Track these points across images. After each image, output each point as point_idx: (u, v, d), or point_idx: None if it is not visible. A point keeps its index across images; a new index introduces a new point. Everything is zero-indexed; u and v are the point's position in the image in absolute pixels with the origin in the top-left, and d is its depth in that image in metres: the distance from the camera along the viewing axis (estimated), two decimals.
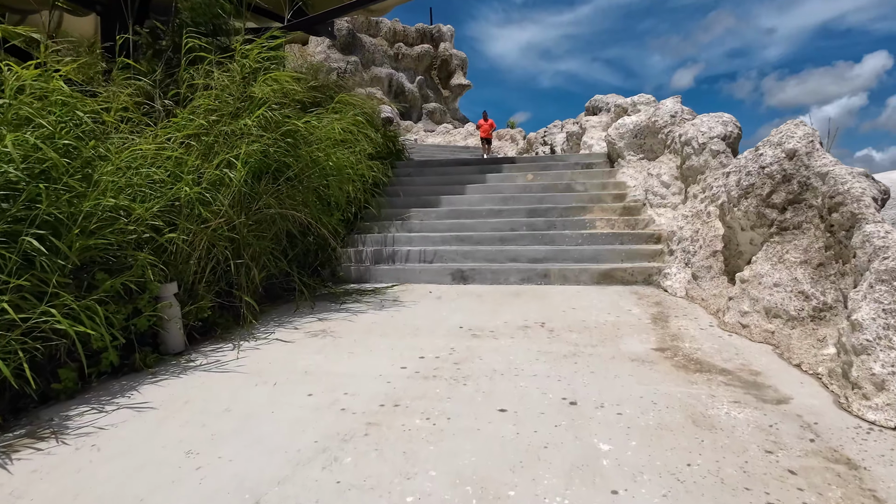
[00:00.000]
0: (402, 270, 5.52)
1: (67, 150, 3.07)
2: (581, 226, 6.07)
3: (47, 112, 3.01)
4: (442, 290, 5.19)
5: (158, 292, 3.45)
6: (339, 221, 5.61)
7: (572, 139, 9.83)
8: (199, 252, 3.81)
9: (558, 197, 6.75)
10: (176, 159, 3.60)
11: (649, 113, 6.76)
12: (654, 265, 5.11)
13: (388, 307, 4.60)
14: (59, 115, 3.06)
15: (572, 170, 7.55)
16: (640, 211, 6.19)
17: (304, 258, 5.29)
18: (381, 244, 6.19)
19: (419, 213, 6.76)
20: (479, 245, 5.96)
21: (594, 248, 5.55)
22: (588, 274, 5.14)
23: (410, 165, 8.42)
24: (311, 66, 8.46)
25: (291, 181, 4.49)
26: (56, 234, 2.84)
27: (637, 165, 6.91)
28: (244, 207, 4.17)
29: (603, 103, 9.07)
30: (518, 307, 4.43)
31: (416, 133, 24.13)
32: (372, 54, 26.00)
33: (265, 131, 4.05)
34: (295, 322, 4.23)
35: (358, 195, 5.71)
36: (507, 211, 6.57)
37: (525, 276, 5.26)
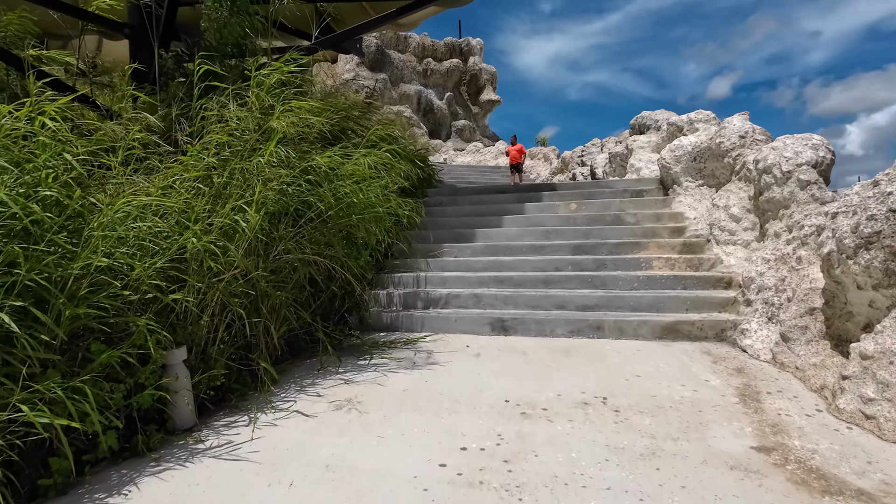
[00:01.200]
0: (436, 318, 4.97)
1: (56, 201, 2.66)
2: (636, 266, 5.41)
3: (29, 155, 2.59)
4: (480, 343, 4.61)
5: (164, 360, 2.99)
6: (367, 263, 5.11)
7: (615, 161, 9.16)
8: (210, 310, 3.35)
9: (607, 230, 6.10)
10: (182, 205, 3.16)
11: (711, 133, 6.07)
12: (728, 318, 4.41)
13: (420, 366, 4.04)
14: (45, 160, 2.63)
15: (620, 198, 6.89)
16: (703, 248, 5.48)
17: (330, 304, 4.80)
18: (412, 285, 5.65)
19: (453, 249, 6.21)
20: (520, 288, 5.36)
21: (653, 293, 4.88)
22: (648, 327, 4.47)
23: (442, 193, 7.91)
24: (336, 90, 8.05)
25: (313, 222, 4.01)
26: (41, 303, 2.41)
27: (696, 193, 6.21)
28: (261, 255, 3.71)
29: (651, 121, 8.38)
30: (571, 371, 3.81)
31: (445, 152, 23.74)
32: (401, 71, 25.83)
33: (284, 168, 3.59)
34: (318, 385, 3.71)
35: (388, 232, 5.21)
36: (549, 247, 5.95)
37: (575, 328, 4.62)
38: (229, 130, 3.64)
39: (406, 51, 26.95)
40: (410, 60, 26.69)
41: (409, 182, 6.45)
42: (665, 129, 7.73)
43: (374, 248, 5.34)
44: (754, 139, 5.37)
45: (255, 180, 3.42)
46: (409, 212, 5.18)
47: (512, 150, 15.63)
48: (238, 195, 3.37)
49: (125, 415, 2.71)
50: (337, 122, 6.38)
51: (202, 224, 3.16)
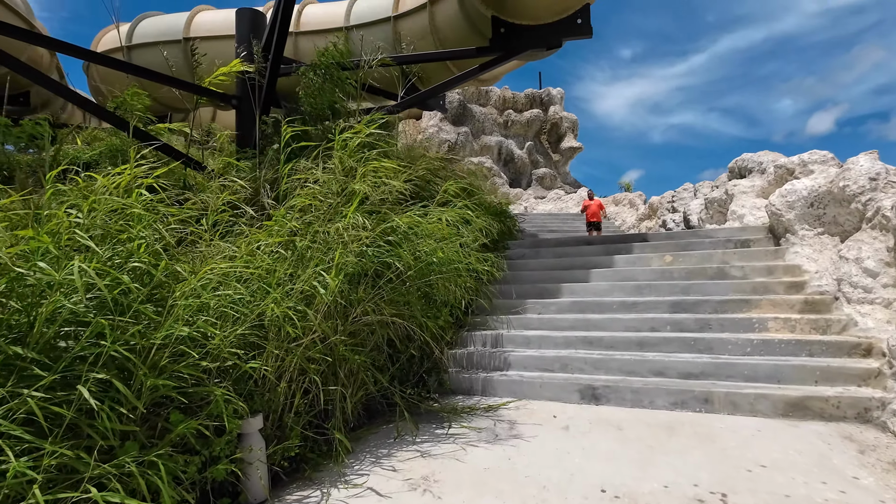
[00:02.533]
0: (519, 382, 4.63)
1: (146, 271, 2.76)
2: (747, 327, 4.76)
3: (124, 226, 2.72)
4: (568, 412, 4.19)
5: (240, 430, 2.95)
6: (446, 322, 4.93)
7: (713, 207, 8.44)
8: (288, 376, 3.31)
9: (709, 286, 5.49)
10: (264, 271, 3.19)
11: (830, 175, 5.38)
12: (872, 394, 3.67)
13: (503, 439, 3.70)
14: (138, 231, 2.76)
15: (723, 249, 6.25)
16: (830, 308, 4.73)
17: (408, 366, 4.64)
18: (493, 345, 5.38)
19: (536, 306, 5.88)
20: (611, 350, 4.89)
21: (771, 361, 4.23)
22: (769, 402, 3.83)
23: (524, 245, 7.66)
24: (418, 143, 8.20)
25: (392, 282, 3.93)
26: (123, 372, 2.45)
27: (815, 243, 5.46)
28: (340, 318, 3.65)
29: (754, 164, 7.67)
30: (677, 454, 3.30)
31: (525, 200, 23.58)
32: (482, 123, 26.41)
33: (363, 230, 3.57)
34: (394, 457, 3.49)
35: (468, 290, 5.02)
36: (642, 304, 5.45)
37: (677, 399, 4.08)
38: (313, 194, 3.71)
39: (487, 104, 27.63)
40: (491, 113, 27.28)
41: (488, 237, 6.29)
42: (772, 171, 7.02)
43: (453, 305, 5.17)
44: (889, 181, 4.65)
45: (335, 243, 3.41)
46: (489, 267, 4.98)
47: (591, 205, 13.58)
48: (319, 259, 3.36)
49: (199, 488, 2.65)
50: (418, 179, 6.44)
51: (282, 289, 3.17)
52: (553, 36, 8.29)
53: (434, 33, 9.74)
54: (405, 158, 6.33)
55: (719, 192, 8.31)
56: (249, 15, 8.88)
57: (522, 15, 8.06)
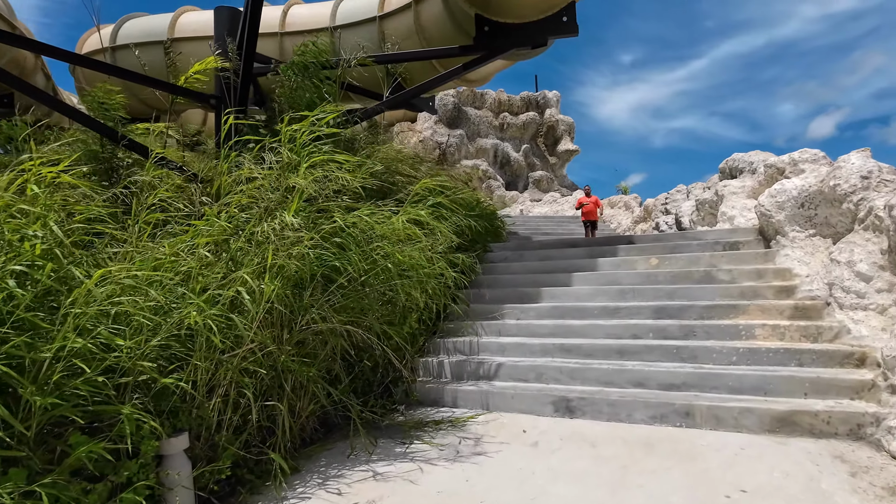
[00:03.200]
0: (490, 392, 4.33)
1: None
2: (733, 334, 4.47)
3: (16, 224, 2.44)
4: (540, 426, 3.90)
5: (161, 451, 2.67)
6: (413, 329, 4.65)
7: (704, 208, 8.16)
8: (222, 390, 3.02)
9: (695, 290, 5.21)
10: (186, 275, 2.91)
11: (821, 174, 5.11)
12: (866, 408, 3.38)
13: (464, 457, 3.41)
14: (33, 231, 2.47)
15: (711, 251, 5.96)
16: (821, 314, 4.45)
17: (372, 375, 4.35)
18: (466, 353, 5.09)
19: (515, 311, 5.59)
20: (589, 359, 4.60)
21: (758, 371, 3.94)
22: (754, 416, 3.54)
23: (507, 248, 7.37)
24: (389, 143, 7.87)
25: (345, 288, 3.64)
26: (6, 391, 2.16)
27: (806, 245, 5.18)
28: (284, 326, 3.37)
29: (745, 164, 7.39)
30: (654, 476, 3.01)
31: (521, 203, 23.29)
32: (477, 126, 26.14)
33: (300, 231, 3.28)
34: (343, 478, 3.20)
35: (438, 294, 4.74)
36: (625, 310, 5.16)
37: (657, 413, 3.79)
38: (250, 191, 3.43)
39: (483, 107, 27.39)
40: (487, 116, 27.04)
41: (464, 237, 6.01)
42: (762, 171, 6.75)
43: (423, 311, 4.89)
44: (882, 180, 4.37)
45: (272, 246, 3.13)
46: (457, 272, 4.69)
47: (587, 202, 13.08)
48: (253, 262, 3.08)
49: None
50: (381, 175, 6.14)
51: (208, 296, 2.88)
52: (538, 34, 8.04)
53: (419, 33, 9.49)
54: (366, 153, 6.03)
55: (710, 193, 8.03)
56: (227, 13, 8.63)
57: (507, 13, 7.81)
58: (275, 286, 3.00)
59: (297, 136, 3.68)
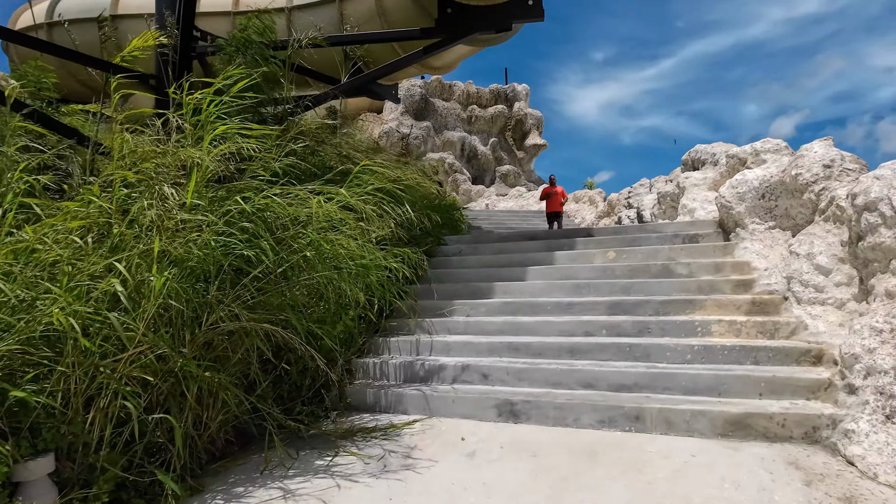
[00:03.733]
0: (432, 396, 3.98)
1: None
2: (689, 331, 4.24)
3: None
4: (481, 433, 3.56)
5: (13, 476, 2.22)
6: (349, 327, 4.26)
7: (665, 201, 8.00)
8: (104, 402, 2.58)
9: (652, 285, 4.97)
10: (54, 266, 2.46)
11: (783, 164, 4.93)
12: (822, 410, 3.16)
13: (392, 471, 3.05)
14: None
15: (670, 244, 5.75)
16: (779, 308, 4.25)
17: (300, 379, 3.94)
18: (409, 352, 4.72)
19: (465, 308, 5.25)
20: (538, 358, 4.30)
21: (713, 370, 3.70)
22: (707, 419, 3.29)
23: (463, 241, 7.03)
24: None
25: (260, 281, 3.22)
26: None
27: (766, 238, 5.00)
28: (186, 326, 2.93)
29: (707, 155, 7.23)
30: (594, 490, 2.70)
31: (487, 198, 23.05)
32: (444, 118, 25.75)
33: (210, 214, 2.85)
34: (248, 498, 2.79)
35: (381, 289, 4.36)
36: (579, 305, 4.88)
37: (605, 417, 3.50)
38: (144, 166, 2.98)
39: (451, 99, 26.98)
40: (455, 108, 26.65)
41: (414, 229, 5.63)
42: (724, 162, 6.58)
43: (364, 308, 4.50)
44: (844, 169, 4.19)
45: (163, 231, 2.69)
46: (406, 265, 4.32)
47: (553, 193, 12.58)
48: (136, 250, 2.63)
49: None
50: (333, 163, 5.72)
51: (80, 290, 2.43)
52: (503, 18, 7.70)
53: (381, 16, 9.03)
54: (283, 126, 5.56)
55: (672, 186, 7.87)
56: None
57: None
58: (166, 279, 2.56)
59: (207, 106, 3.23)
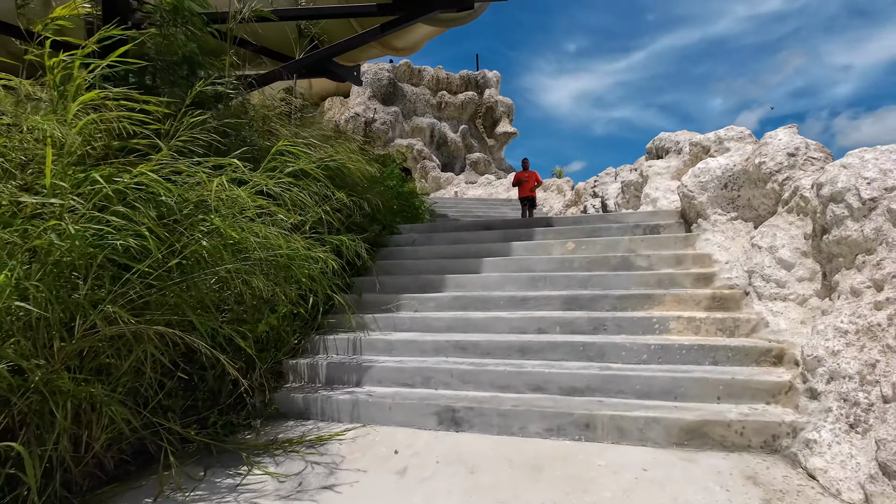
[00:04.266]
0: (368, 402, 3.60)
1: None
2: (646, 328, 3.97)
3: None
4: (417, 444, 3.21)
5: None
6: (276, 326, 3.84)
7: (629, 190, 7.77)
8: None
9: (610, 278, 4.69)
10: None
11: (746, 153, 4.70)
12: (782, 416, 2.92)
13: (306, 493, 2.67)
14: None
15: (631, 235, 5.48)
16: (740, 304, 4.02)
17: (217, 385, 3.50)
18: (348, 352, 4.33)
19: (413, 302, 4.88)
20: (487, 358, 3.97)
21: (669, 372, 3.43)
22: (661, 427, 3.02)
23: (417, 230, 6.63)
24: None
25: (149, 277, 2.76)
26: None
27: (728, 229, 4.77)
28: (54, 332, 2.46)
29: (671, 143, 7.00)
30: None
31: (457, 185, 22.65)
32: (413, 104, 25.14)
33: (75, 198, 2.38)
34: None
35: (316, 283, 3.94)
36: (534, 300, 4.57)
37: (554, 425, 3.20)
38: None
39: (420, 84, 26.37)
40: (424, 93, 26.06)
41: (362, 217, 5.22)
42: (687, 150, 6.35)
43: (297, 305, 4.09)
44: (809, 157, 3.95)
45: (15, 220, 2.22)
46: (325, 254, 3.90)
47: (526, 178, 11.88)
48: None
49: None
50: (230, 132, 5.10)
51: None
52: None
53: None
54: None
55: (635, 174, 7.64)
56: None
57: None
58: (6, 276, 2.10)
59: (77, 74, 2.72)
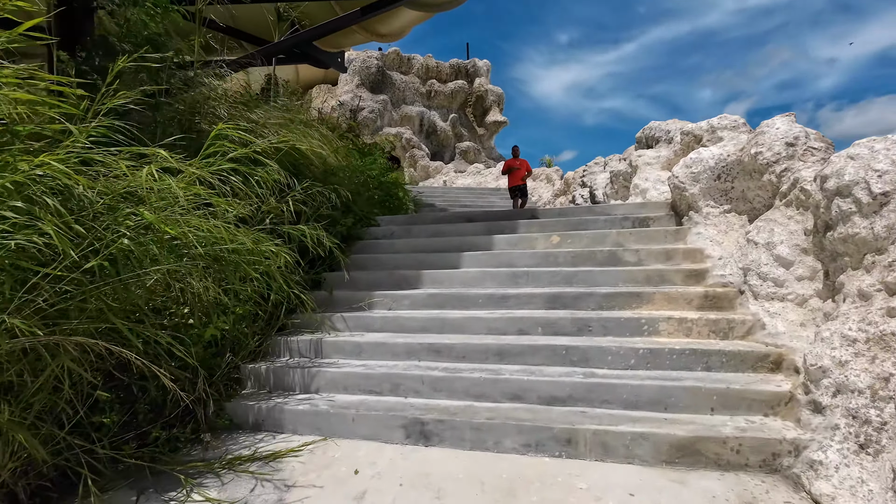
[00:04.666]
0: (329, 413, 3.28)
1: None
2: (635, 329, 3.68)
3: None
4: (380, 463, 2.90)
5: None
6: (233, 329, 3.50)
7: (618, 181, 7.46)
8: None
9: (597, 274, 4.39)
10: None
11: (741, 142, 4.40)
12: (782, 432, 2.64)
13: None
14: None
15: (619, 228, 5.19)
16: (734, 304, 3.74)
17: (162, 396, 3.16)
18: (314, 354, 4.00)
19: (386, 300, 4.55)
20: (462, 362, 3.66)
21: (659, 379, 3.14)
22: (650, 444, 2.73)
23: (396, 222, 6.29)
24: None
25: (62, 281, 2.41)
26: None
27: (721, 223, 4.48)
28: None
29: (661, 132, 6.69)
30: None
31: (446, 174, 22.25)
32: (402, 92, 24.62)
33: None
34: None
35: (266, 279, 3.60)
36: (515, 298, 4.26)
37: (532, 440, 2.90)
38: None
39: (409, 72, 25.85)
40: (413, 82, 25.54)
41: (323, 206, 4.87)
42: (679, 140, 6.05)
43: (257, 304, 3.75)
44: (809, 147, 3.66)
45: None
46: (275, 248, 3.56)
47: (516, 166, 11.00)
48: None
49: None
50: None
51: None
52: None
53: None
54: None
55: (624, 164, 7.33)
56: None
57: None
58: None
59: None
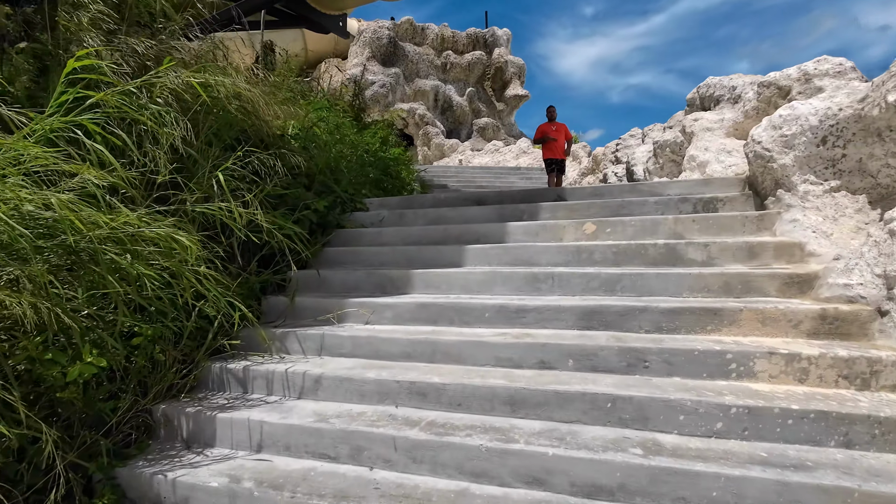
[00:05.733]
0: (252, 496, 2.17)
1: None
2: (717, 369, 2.45)
3: None
4: None
5: None
6: (101, 370, 2.40)
7: (664, 153, 6.12)
8: None
9: (651, 279, 3.15)
10: None
11: (858, 92, 3.08)
12: None
13: None
14: None
15: (676, 213, 3.92)
16: (868, 330, 2.48)
17: (13, 467, 2.09)
18: (252, 390, 2.88)
19: (363, 310, 3.39)
20: (456, 412, 2.49)
21: (771, 466, 1.93)
22: None
23: (388, 205, 5.11)
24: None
25: None
26: None
27: (826, 205, 3.19)
28: None
29: (724, 89, 5.31)
30: None
31: (462, 153, 20.86)
32: (416, 65, 23.15)
33: None
34: None
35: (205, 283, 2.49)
36: (535, 312, 3.06)
37: None
38: None
39: (423, 43, 24.34)
40: (428, 53, 24.04)
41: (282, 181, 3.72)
42: (752, 97, 4.69)
43: (173, 315, 2.65)
44: None
45: None
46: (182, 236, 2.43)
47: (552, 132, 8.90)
48: None
49: None
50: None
51: None
52: None
53: None
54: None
55: (672, 133, 5.98)
56: None
57: None
58: None
59: None
